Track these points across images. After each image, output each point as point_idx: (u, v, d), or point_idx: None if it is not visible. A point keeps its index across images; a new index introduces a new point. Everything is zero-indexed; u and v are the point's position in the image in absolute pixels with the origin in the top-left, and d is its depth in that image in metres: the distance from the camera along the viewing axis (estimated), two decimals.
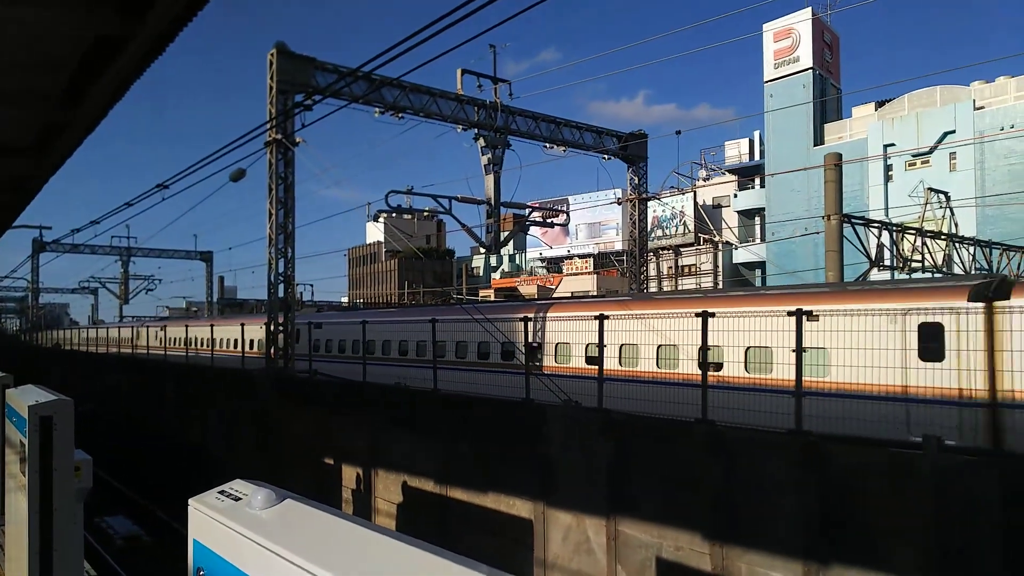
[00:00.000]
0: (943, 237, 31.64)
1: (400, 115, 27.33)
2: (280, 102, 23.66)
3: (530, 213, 62.13)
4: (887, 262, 28.79)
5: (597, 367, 14.64)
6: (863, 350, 12.59)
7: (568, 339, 19.22)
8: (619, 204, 56.88)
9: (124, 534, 23.88)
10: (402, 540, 2.96)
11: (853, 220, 26.60)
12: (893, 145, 45.63)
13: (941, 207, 35.62)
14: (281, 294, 24.76)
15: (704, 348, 12.62)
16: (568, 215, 69.69)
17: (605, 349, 14.97)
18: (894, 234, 29.44)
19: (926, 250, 29.97)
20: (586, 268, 66.13)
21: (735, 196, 61.19)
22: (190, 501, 3.93)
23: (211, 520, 3.68)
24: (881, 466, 9.52)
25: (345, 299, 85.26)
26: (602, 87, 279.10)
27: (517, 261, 79.38)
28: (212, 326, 34.04)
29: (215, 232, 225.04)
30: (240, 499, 3.76)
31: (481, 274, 78.70)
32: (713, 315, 12.81)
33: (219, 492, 3.94)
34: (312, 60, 24.72)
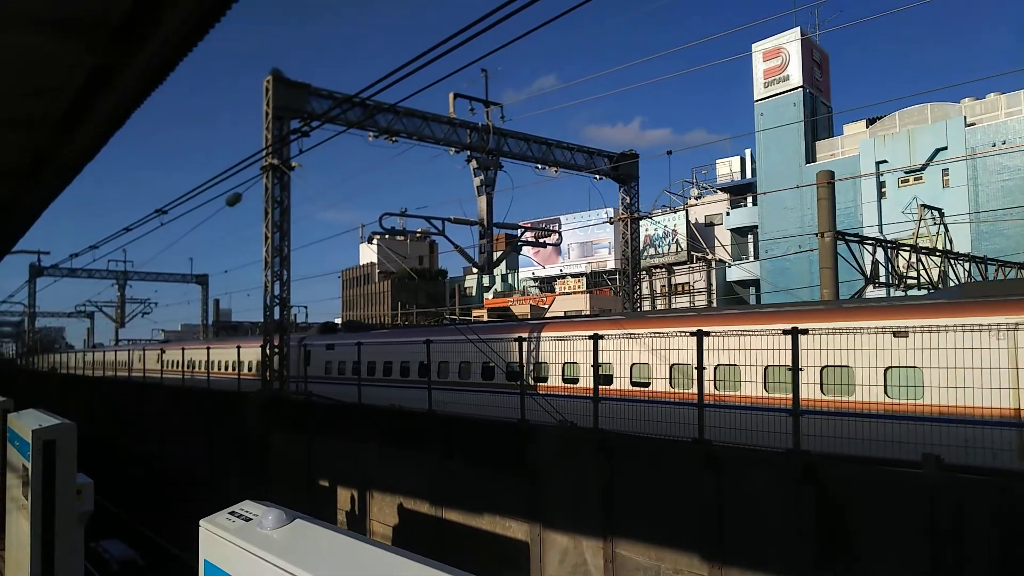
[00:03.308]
0: (938, 254, 31.71)
1: (394, 139, 27.51)
2: (276, 128, 23.86)
3: (522, 233, 62.30)
4: (883, 279, 28.86)
5: (593, 386, 14.63)
6: None
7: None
8: (611, 223, 57.10)
9: (120, 558, 23.77)
10: (413, 559, 3.00)
11: (847, 237, 26.69)
12: (885, 162, 45.77)
13: (935, 223, 35.73)
14: (277, 316, 24.81)
15: (700, 367, 12.65)
16: (560, 235, 69.92)
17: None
18: (889, 251, 29.53)
19: (921, 267, 30.06)
20: (579, 287, 66.23)
21: (727, 214, 61.31)
22: (201, 522, 3.97)
23: (222, 540, 3.72)
24: (878, 484, 9.54)
25: (339, 320, 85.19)
26: (598, 112, 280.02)
27: (510, 281, 79.52)
28: (209, 348, 34.11)
29: (211, 255, 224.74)
30: (251, 519, 3.81)
31: (474, 294, 78.78)
32: (708, 334, 12.89)
33: (229, 513, 3.99)
34: (307, 87, 24.93)
